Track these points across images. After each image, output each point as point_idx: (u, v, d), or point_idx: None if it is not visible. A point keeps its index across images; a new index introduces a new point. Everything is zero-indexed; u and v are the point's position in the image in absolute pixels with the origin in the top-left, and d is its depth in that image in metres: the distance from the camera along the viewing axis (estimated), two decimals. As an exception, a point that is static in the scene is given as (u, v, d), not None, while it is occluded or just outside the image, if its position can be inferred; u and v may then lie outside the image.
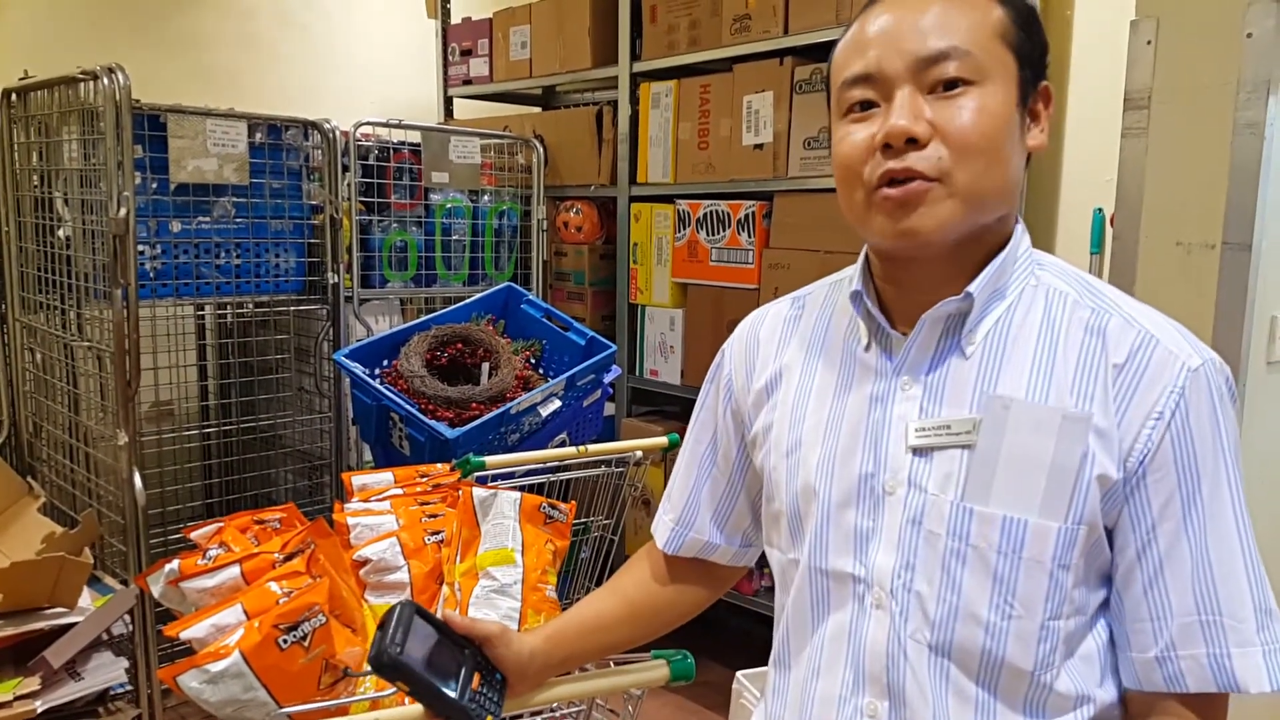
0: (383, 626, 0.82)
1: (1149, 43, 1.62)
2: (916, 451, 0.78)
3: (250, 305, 2.45)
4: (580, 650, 0.97)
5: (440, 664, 0.83)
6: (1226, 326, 1.54)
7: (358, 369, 2.09)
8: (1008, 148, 0.77)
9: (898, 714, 0.78)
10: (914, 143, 0.74)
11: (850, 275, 0.89)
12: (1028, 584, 0.74)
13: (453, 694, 0.83)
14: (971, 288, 0.78)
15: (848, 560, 0.81)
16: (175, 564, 1.32)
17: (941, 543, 0.76)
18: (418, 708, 0.85)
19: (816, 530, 0.83)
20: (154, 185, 2.12)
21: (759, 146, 2.41)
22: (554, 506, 1.50)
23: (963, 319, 0.79)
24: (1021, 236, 0.82)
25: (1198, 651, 0.73)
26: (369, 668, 0.83)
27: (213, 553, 1.33)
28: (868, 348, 0.84)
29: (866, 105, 0.78)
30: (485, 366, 2.22)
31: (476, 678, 0.86)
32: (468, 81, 3.22)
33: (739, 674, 1.91)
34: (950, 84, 0.75)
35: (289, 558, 1.30)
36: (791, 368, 0.89)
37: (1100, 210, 2.43)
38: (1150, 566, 0.74)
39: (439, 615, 0.88)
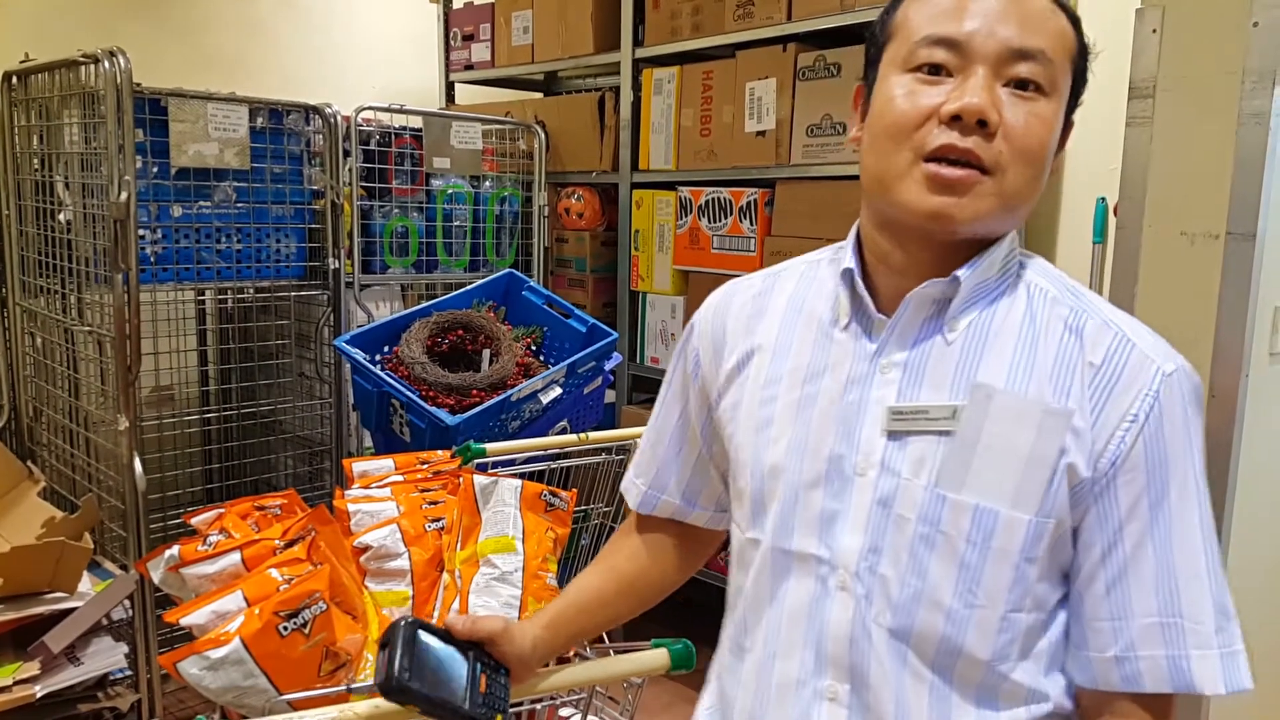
0: (386, 647, 0.82)
1: (1154, 31, 1.61)
2: (891, 435, 0.78)
3: (251, 290, 2.44)
4: (581, 630, 0.98)
5: (447, 677, 0.84)
6: (1230, 317, 1.53)
7: (358, 355, 2.09)
8: (1048, 165, 0.78)
9: (859, 696, 0.78)
10: (982, 126, 0.73)
11: (829, 256, 0.88)
12: (993, 574, 0.74)
13: (464, 704, 0.83)
14: (960, 272, 0.77)
15: (811, 541, 0.81)
16: (176, 550, 1.32)
17: (911, 527, 0.76)
18: None
19: (781, 510, 0.83)
20: (155, 169, 2.11)
21: (761, 133, 2.39)
22: (555, 494, 1.50)
23: (947, 304, 0.79)
24: (1012, 239, 0.82)
25: (1157, 653, 0.73)
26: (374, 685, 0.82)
27: (213, 539, 1.33)
28: (846, 327, 0.83)
29: (935, 70, 0.76)
30: (486, 353, 2.21)
31: (483, 679, 0.86)
32: (469, 67, 3.20)
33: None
34: (1023, 84, 0.75)
35: (290, 544, 1.30)
36: (764, 346, 0.88)
37: (1104, 199, 2.41)
38: (1114, 567, 0.74)
39: (441, 622, 0.88)
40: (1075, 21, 0.79)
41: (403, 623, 0.84)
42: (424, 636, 0.84)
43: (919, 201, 0.75)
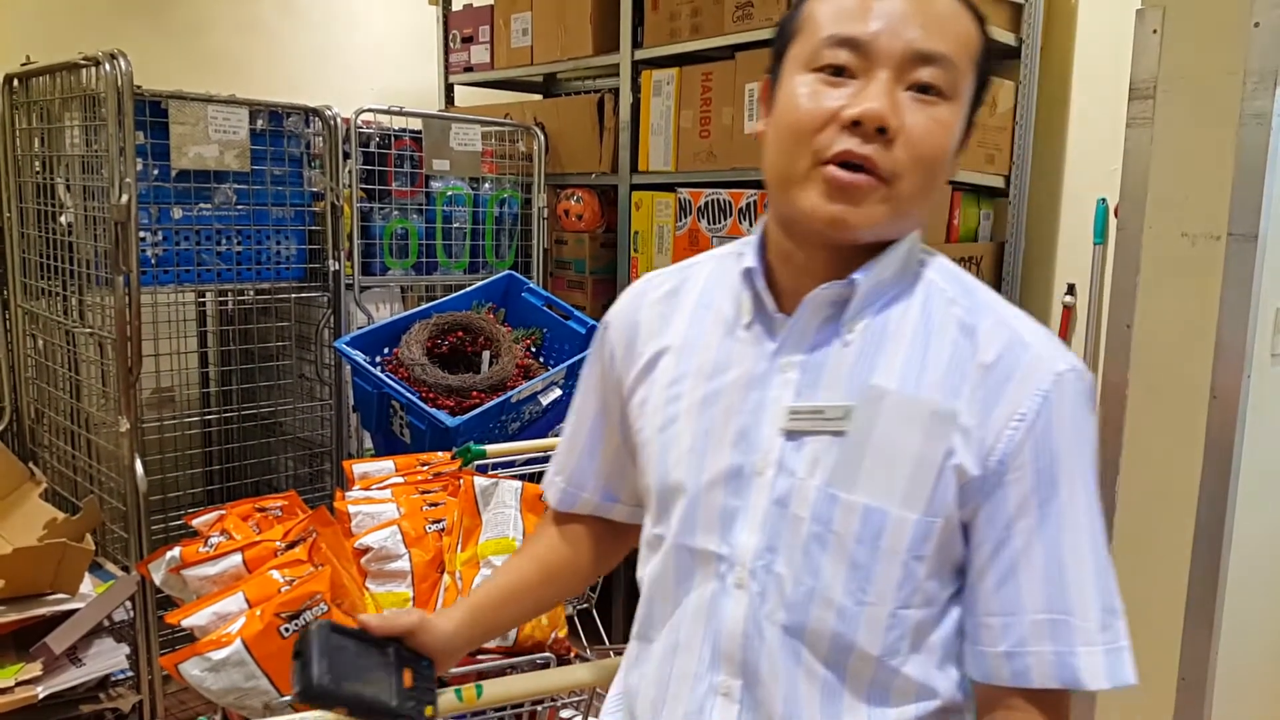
0: (300, 655, 0.80)
1: (1155, 32, 1.61)
2: (788, 435, 0.79)
3: (251, 292, 2.44)
4: (503, 618, 0.98)
5: (369, 675, 0.82)
6: (1231, 318, 1.53)
7: (359, 356, 2.09)
8: (945, 169, 0.78)
9: (751, 693, 0.79)
10: (881, 133, 0.73)
11: (739, 251, 0.87)
12: (882, 572, 0.75)
13: (390, 700, 0.82)
14: (857, 275, 0.78)
15: (713, 539, 0.81)
16: (177, 551, 1.32)
17: (805, 527, 0.77)
18: None
19: (684, 508, 0.83)
20: (155, 172, 2.11)
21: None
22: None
23: (845, 305, 0.79)
24: (913, 239, 0.83)
25: (1045, 649, 0.74)
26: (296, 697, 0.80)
27: (214, 540, 1.33)
28: (749, 326, 0.83)
29: (839, 71, 0.76)
30: (486, 355, 2.22)
31: (407, 674, 0.85)
32: (469, 69, 3.21)
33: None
34: (925, 88, 0.75)
35: (291, 546, 1.30)
36: (672, 343, 0.88)
37: (1104, 200, 2.42)
38: (1004, 563, 0.75)
39: (354, 623, 0.87)
40: (980, 21, 0.80)
41: (316, 626, 0.82)
42: (338, 638, 0.82)
43: (816, 207, 0.76)
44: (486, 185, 2.80)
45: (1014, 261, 2.54)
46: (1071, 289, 2.51)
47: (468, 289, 2.35)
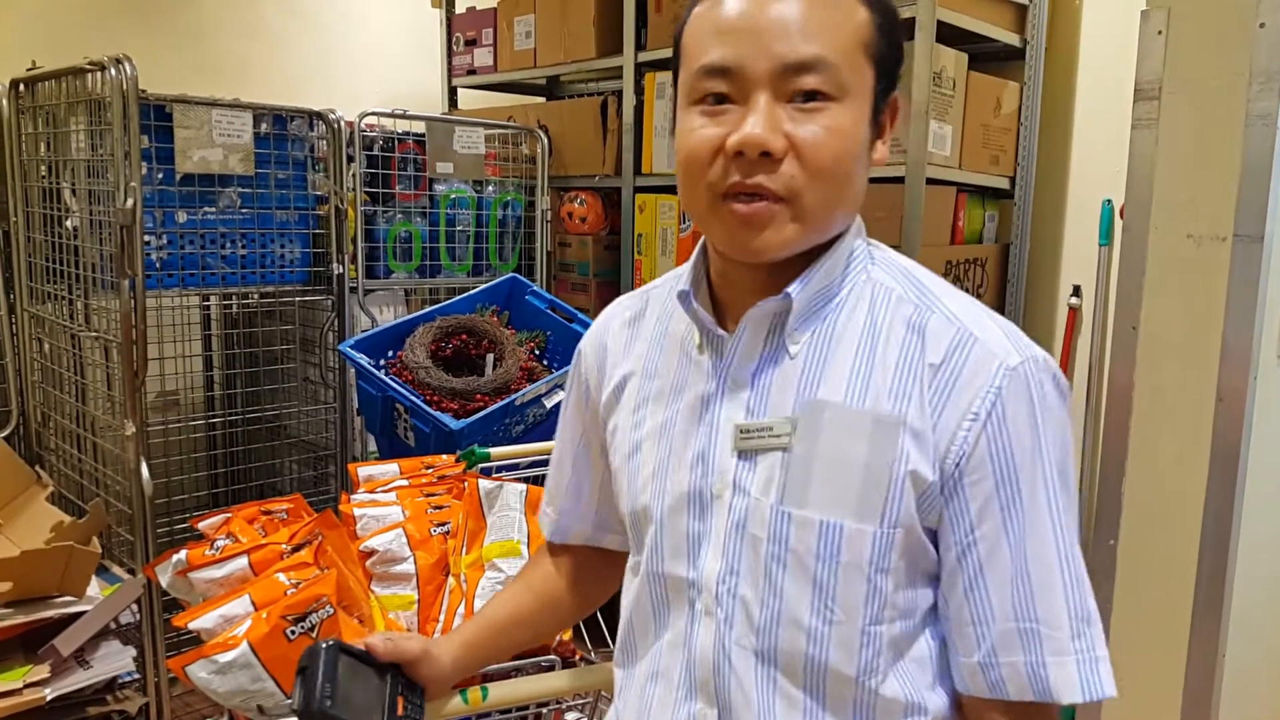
0: (304, 672, 0.82)
1: (1160, 33, 1.61)
2: (742, 454, 0.77)
3: (255, 296, 2.45)
4: (498, 649, 0.98)
5: (366, 701, 0.84)
6: (1237, 319, 1.53)
7: (363, 360, 2.09)
8: (858, 168, 0.75)
9: None
10: (767, 155, 0.71)
11: (683, 272, 0.85)
12: (846, 589, 0.73)
13: None
14: (790, 288, 0.76)
15: (682, 565, 0.80)
16: (183, 554, 1.32)
17: (763, 547, 0.75)
18: None
19: (653, 534, 0.82)
20: (160, 176, 2.12)
21: (765, 137, 2.39)
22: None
23: (786, 318, 0.77)
24: (854, 235, 0.80)
25: (1016, 659, 0.71)
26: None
27: (220, 543, 1.33)
28: (700, 347, 0.82)
29: (720, 99, 0.73)
30: (490, 358, 2.22)
31: (400, 702, 0.87)
32: (472, 71, 3.21)
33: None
34: (809, 95, 0.71)
35: (297, 549, 1.30)
36: (634, 371, 0.87)
37: (1109, 202, 2.41)
38: (970, 569, 0.72)
39: (362, 644, 0.88)
40: None
41: (324, 646, 0.84)
42: (344, 660, 0.84)
43: (726, 242, 0.75)
44: (490, 188, 2.80)
45: (1019, 263, 2.54)
46: (1077, 290, 2.50)
47: (471, 292, 2.35)
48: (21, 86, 2.28)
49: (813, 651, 0.74)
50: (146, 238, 2.07)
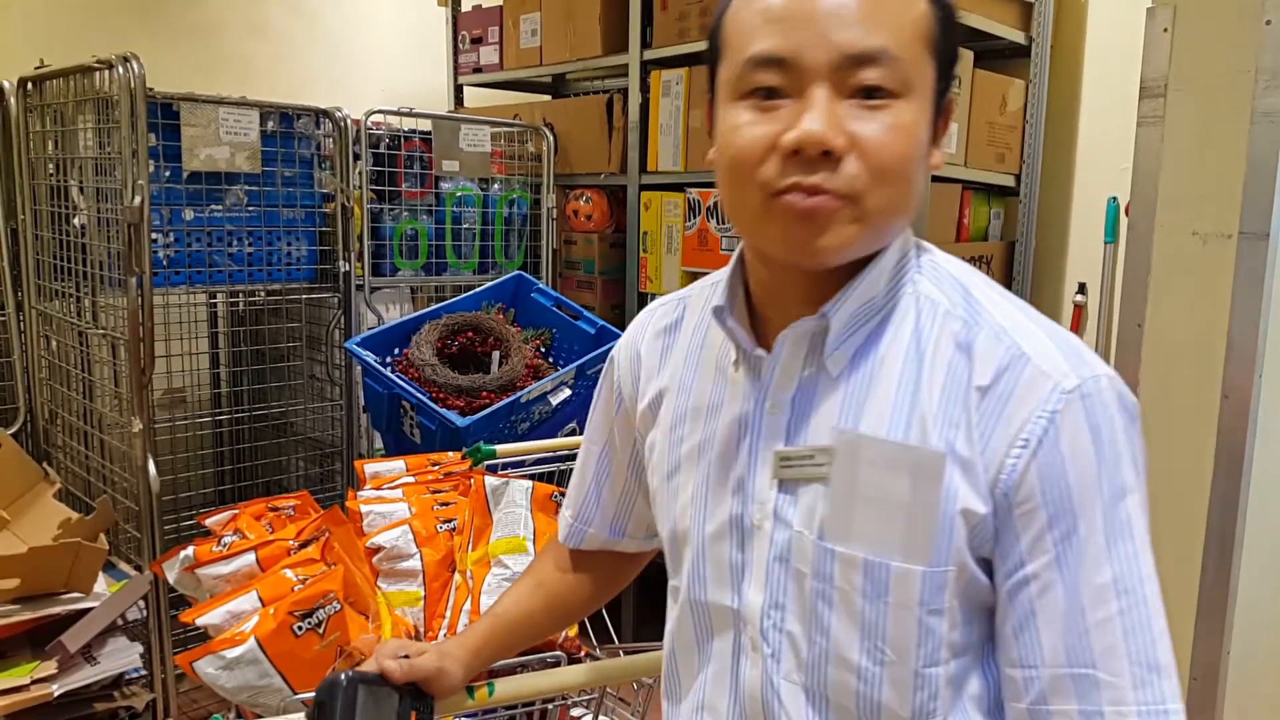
0: (322, 707, 0.81)
1: (1165, 30, 1.61)
2: (782, 484, 0.72)
3: (262, 293, 2.46)
4: (505, 648, 0.97)
5: None
6: (1243, 317, 1.52)
7: (369, 357, 2.10)
8: (919, 170, 0.69)
9: None
10: (827, 154, 0.65)
11: (720, 279, 0.80)
12: (897, 629, 0.68)
13: None
14: (826, 308, 0.70)
15: (726, 593, 0.76)
16: (190, 550, 1.33)
17: (808, 583, 0.70)
18: None
19: (693, 560, 0.78)
20: (167, 173, 2.13)
21: (770, 135, 2.39)
22: (565, 495, 1.51)
23: (824, 338, 0.72)
24: (897, 247, 0.73)
25: (1069, 708, 0.65)
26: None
27: (228, 539, 1.34)
28: (737, 364, 0.77)
29: (771, 93, 0.67)
30: (495, 355, 2.22)
31: (413, 716, 0.87)
32: (478, 69, 3.21)
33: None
34: (871, 91, 0.66)
35: (304, 545, 1.31)
36: (670, 385, 0.83)
37: (1115, 199, 2.41)
38: (1021, 607, 0.66)
39: (377, 668, 0.87)
40: None
41: (343, 679, 0.83)
42: (362, 691, 0.84)
43: (782, 241, 0.69)
44: (496, 186, 2.81)
45: (1024, 261, 2.53)
46: (1082, 288, 2.50)
47: (477, 289, 2.36)
48: (30, 85, 2.29)
49: (865, 690, 0.70)
50: (154, 235, 2.08)
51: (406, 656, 0.89)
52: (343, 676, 0.83)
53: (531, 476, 1.59)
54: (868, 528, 0.68)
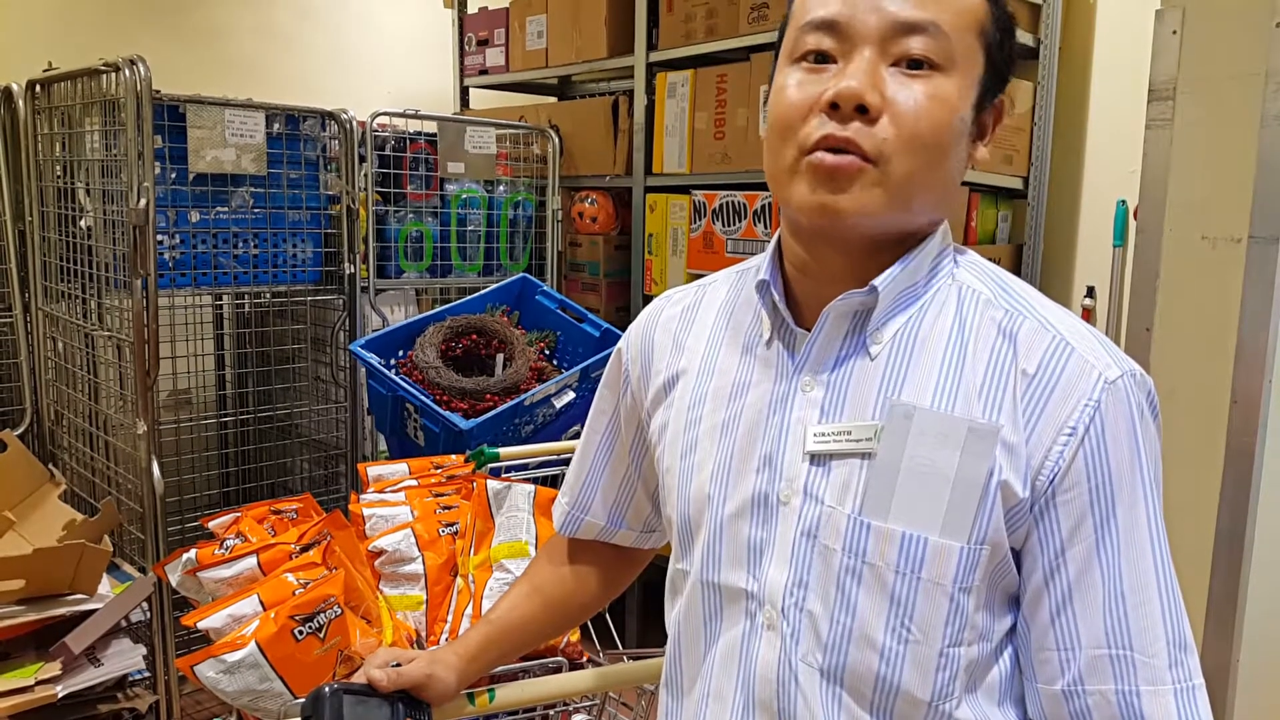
0: (309, 719, 0.81)
1: (1174, 32, 1.59)
2: (814, 459, 0.73)
3: (267, 295, 2.46)
4: (503, 655, 0.97)
5: None
6: (1252, 322, 1.51)
7: (373, 359, 2.10)
8: (953, 149, 0.71)
9: None
10: (863, 112, 0.68)
11: (755, 265, 0.82)
12: (926, 607, 0.69)
13: None
14: (877, 281, 0.72)
15: (740, 574, 0.76)
16: (193, 553, 1.33)
17: (837, 559, 0.71)
18: None
19: (708, 540, 0.78)
20: (173, 175, 2.13)
21: (776, 137, 2.39)
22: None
23: (868, 316, 0.73)
24: (940, 237, 0.76)
25: (1106, 688, 0.67)
26: None
27: (230, 543, 1.34)
28: (769, 343, 0.78)
29: (822, 58, 0.71)
30: (500, 358, 2.22)
31: None
32: (484, 71, 3.22)
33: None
34: (916, 63, 0.69)
35: (305, 549, 1.30)
36: (690, 365, 0.83)
37: (1124, 202, 2.39)
38: (1058, 593, 0.69)
39: (364, 678, 0.86)
40: None
41: (328, 691, 0.82)
42: (348, 702, 0.83)
43: (805, 199, 0.70)
44: (501, 188, 2.80)
45: (1033, 264, 2.52)
46: (1091, 291, 2.48)
47: (482, 292, 2.36)
48: (38, 87, 2.30)
49: (885, 672, 0.70)
50: (159, 237, 2.08)
51: (398, 665, 0.89)
52: (327, 689, 0.82)
53: (535, 480, 1.58)
54: (908, 503, 0.69)
